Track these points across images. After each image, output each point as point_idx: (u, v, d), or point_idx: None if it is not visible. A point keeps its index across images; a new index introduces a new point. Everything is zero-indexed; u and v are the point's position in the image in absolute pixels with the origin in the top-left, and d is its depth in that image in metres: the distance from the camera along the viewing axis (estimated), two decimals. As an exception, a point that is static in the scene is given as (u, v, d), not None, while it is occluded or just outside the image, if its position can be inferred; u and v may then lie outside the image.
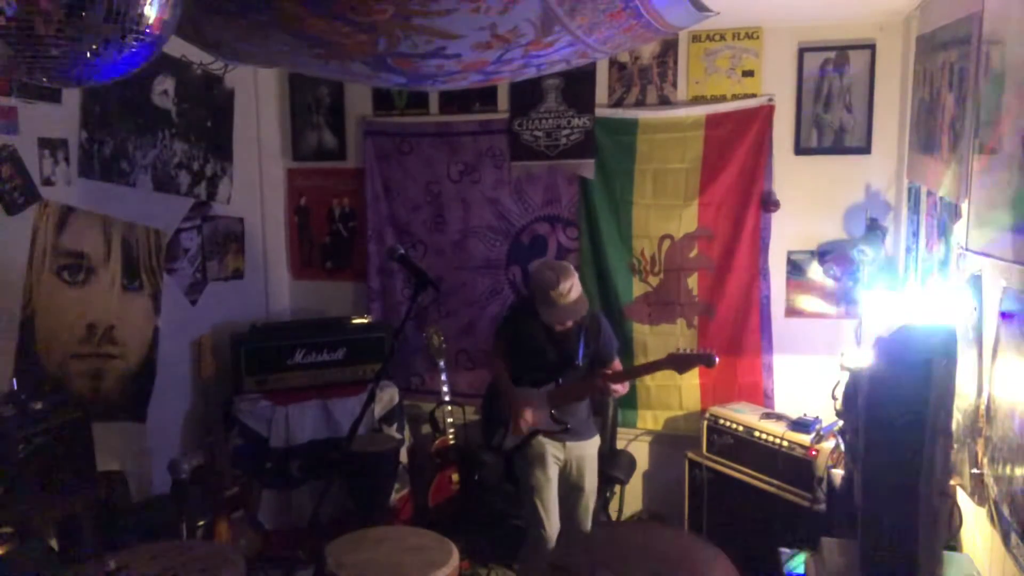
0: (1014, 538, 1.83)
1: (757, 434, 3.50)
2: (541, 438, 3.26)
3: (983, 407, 2.10)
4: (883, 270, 3.49)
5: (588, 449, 3.35)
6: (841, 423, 2.85)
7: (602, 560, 2.22)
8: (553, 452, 3.27)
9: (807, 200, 3.81)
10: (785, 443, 3.37)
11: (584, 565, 2.20)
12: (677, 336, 4.02)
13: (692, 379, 4.03)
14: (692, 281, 4.00)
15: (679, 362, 3.15)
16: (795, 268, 3.89)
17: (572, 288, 3.10)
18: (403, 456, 4.02)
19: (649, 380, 4.07)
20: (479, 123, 4.24)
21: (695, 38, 3.86)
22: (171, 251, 3.87)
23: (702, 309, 4.00)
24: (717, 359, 3.09)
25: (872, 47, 3.66)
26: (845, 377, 2.61)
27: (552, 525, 3.28)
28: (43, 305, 3.16)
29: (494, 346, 3.47)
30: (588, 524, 3.40)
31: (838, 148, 3.77)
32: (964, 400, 2.21)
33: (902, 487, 1.73)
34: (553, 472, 3.29)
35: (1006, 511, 1.88)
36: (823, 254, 3.78)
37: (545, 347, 3.26)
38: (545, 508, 3.27)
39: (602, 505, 3.85)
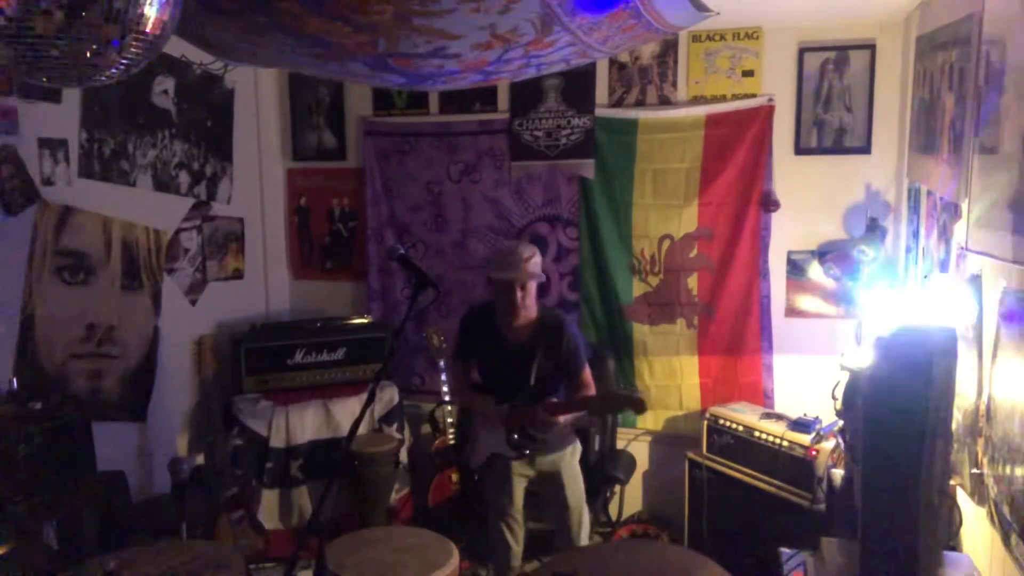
0: (1014, 538, 1.83)
1: (757, 434, 3.50)
2: (505, 459, 3.08)
3: (983, 407, 2.10)
4: (883, 270, 3.49)
5: (563, 460, 3.12)
6: (841, 423, 2.85)
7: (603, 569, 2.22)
8: (519, 471, 3.12)
9: (807, 200, 3.81)
10: (785, 443, 3.37)
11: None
12: (677, 336, 4.02)
13: (692, 379, 4.03)
14: (692, 281, 4.00)
15: (608, 401, 3.04)
16: (795, 268, 3.89)
17: (533, 257, 2.97)
18: (403, 456, 4.02)
19: (649, 380, 4.08)
20: (479, 123, 4.24)
21: (695, 38, 3.86)
22: (171, 251, 3.87)
23: (702, 309, 4.00)
24: (646, 406, 2.89)
25: (872, 47, 3.66)
26: (845, 377, 2.61)
27: (519, 547, 3.21)
28: (43, 305, 3.17)
29: (451, 365, 3.27)
30: (582, 539, 3.20)
31: (838, 148, 3.77)
32: (964, 400, 2.21)
33: (902, 487, 1.73)
34: (519, 493, 3.15)
35: (1006, 511, 1.88)
36: (823, 254, 3.78)
37: (498, 360, 3.08)
38: (511, 532, 3.17)
39: (602, 505, 3.85)
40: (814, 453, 3.25)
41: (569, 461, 3.16)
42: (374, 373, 3.98)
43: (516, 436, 3.00)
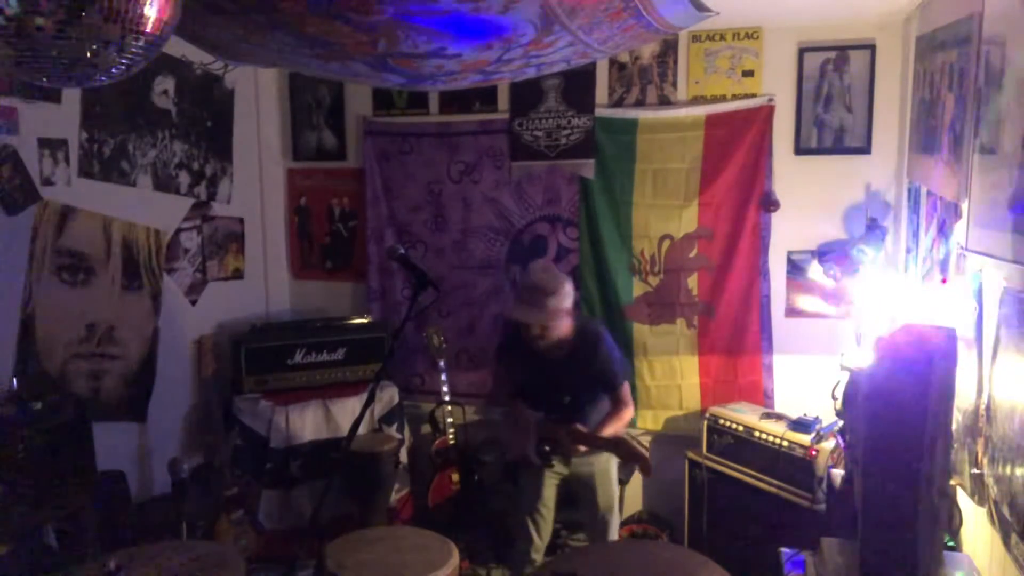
0: (1014, 538, 1.83)
1: (757, 434, 3.50)
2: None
3: (983, 407, 2.10)
4: (883, 270, 3.49)
5: (598, 464, 3.14)
6: (841, 423, 2.86)
7: (604, 569, 2.22)
8: (554, 468, 3.16)
9: (807, 200, 3.81)
10: (785, 443, 3.37)
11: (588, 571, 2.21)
12: (677, 336, 4.02)
13: (692, 379, 4.03)
14: (692, 281, 4.00)
15: (620, 449, 3.01)
16: (795, 268, 3.89)
17: (558, 292, 2.90)
18: (403, 456, 4.02)
19: (649, 380, 4.08)
20: (479, 123, 4.24)
21: (695, 38, 3.86)
22: (171, 251, 3.87)
23: (702, 309, 4.00)
24: (651, 471, 2.95)
25: (872, 47, 3.66)
26: (845, 377, 2.61)
27: (543, 541, 3.22)
28: (43, 305, 3.17)
29: (495, 369, 3.32)
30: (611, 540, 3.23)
31: (838, 148, 3.77)
32: (964, 400, 2.21)
33: (902, 487, 1.73)
34: (550, 489, 3.19)
35: (1006, 511, 1.88)
36: (823, 254, 3.78)
37: (533, 375, 3.09)
38: (536, 525, 3.19)
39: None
40: (814, 453, 3.25)
41: (604, 466, 3.17)
42: (374, 373, 3.98)
43: (546, 448, 3.04)
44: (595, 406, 3.10)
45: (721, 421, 3.66)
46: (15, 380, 2.95)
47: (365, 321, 4.31)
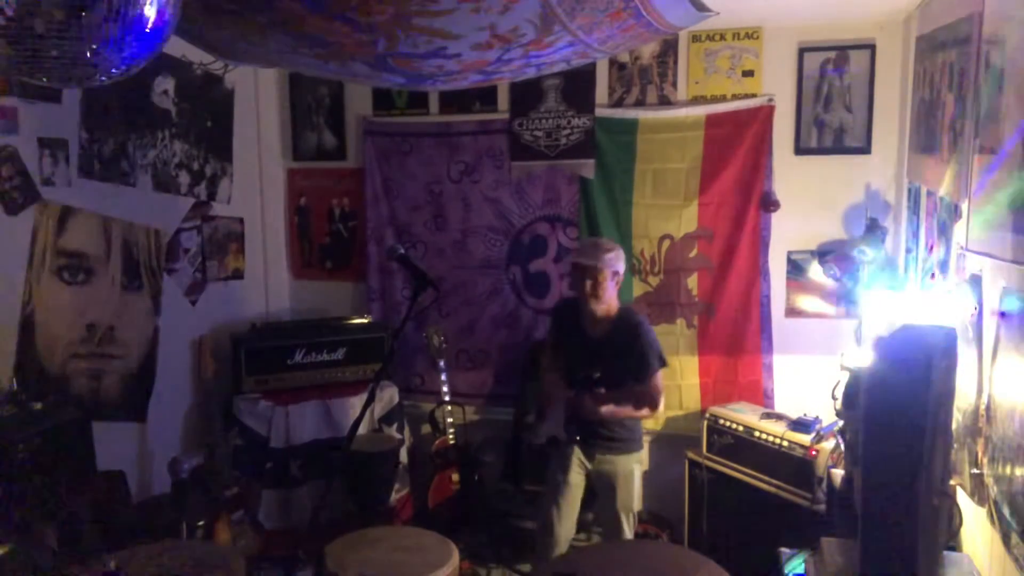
0: (1014, 538, 1.83)
1: (757, 434, 3.50)
2: (570, 444, 3.18)
3: (983, 407, 2.10)
4: (883, 270, 3.48)
5: (622, 465, 3.17)
6: (841, 423, 2.85)
7: (601, 570, 2.22)
8: (580, 459, 3.20)
9: (807, 200, 3.81)
10: (785, 443, 3.37)
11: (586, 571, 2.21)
12: (677, 336, 4.02)
13: (692, 379, 4.03)
14: (692, 281, 4.00)
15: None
16: (795, 268, 3.89)
17: (612, 251, 3.09)
18: (403, 456, 4.02)
19: (649, 380, 4.07)
20: (479, 123, 4.23)
21: (695, 38, 3.86)
22: (171, 251, 3.87)
23: (702, 309, 4.00)
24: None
25: (872, 47, 3.66)
26: (845, 377, 2.61)
27: (563, 533, 3.22)
28: (43, 305, 3.16)
29: (538, 357, 3.52)
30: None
31: (838, 148, 3.77)
32: (964, 400, 2.21)
33: (902, 487, 1.73)
34: (577, 478, 3.21)
35: (1006, 511, 1.88)
36: (823, 254, 3.78)
37: (576, 350, 3.18)
38: (560, 513, 3.20)
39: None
40: (814, 453, 3.25)
41: (627, 469, 3.18)
42: (374, 373, 3.98)
43: (574, 424, 3.11)
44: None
45: (721, 421, 3.66)
46: (15, 380, 2.95)
47: (365, 321, 4.31)
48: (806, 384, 3.78)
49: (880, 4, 3.42)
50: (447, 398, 4.11)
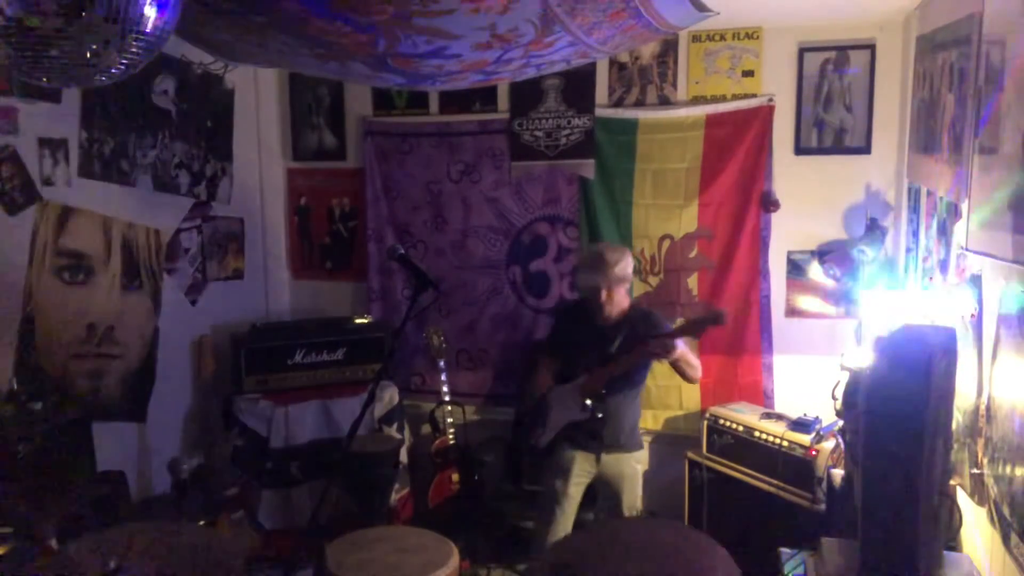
0: (1014, 538, 1.83)
1: (757, 434, 3.50)
2: (571, 450, 3.18)
3: (983, 407, 2.10)
4: (883, 270, 3.49)
5: (626, 465, 3.19)
6: (841, 423, 2.85)
7: (602, 556, 2.22)
8: (583, 465, 3.19)
9: (807, 200, 3.81)
10: (785, 443, 3.37)
11: (585, 561, 2.20)
12: (677, 336, 4.02)
13: (692, 379, 4.03)
14: (692, 281, 4.00)
15: (697, 325, 3.13)
16: (795, 268, 3.89)
17: (620, 262, 3.09)
18: (403, 456, 4.02)
19: (649, 380, 4.04)
20: (479, 123, 4.23)
21: (695, 38, 3.86)
22: (171, 251, 3.87)
23: (702, 309, 4.00)
24: (724, 317, 2.99)
25: (872, 47, 3.66)
26: (845, 377, 2.61)
27: (561, 535, 3.20)
28: (43, 305, 3.16)
29: (537, 358, 3.44)
30: None
31: (838, 148, 3.77)
32: (964, 400, 2.21)
33: (902, 487, 1.73)
34: (577, 488, 3.20)
35: (1006, 511, 1.88)
36: (823, 254, 3.79)
37: (587, 337, 3.19)
38: (563, 514, 3.19)
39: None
40: (814, 453, 3.25)
41: (632, 470, 3.21)
42: (374, 373, 3.98)
43: (590, 402, 3.10)
44: (631, 390, 3.18)
45: (721, 421, 3.66)
46: (15, 380, 2.95)
47: (365, 321, 4.30)
48: (806, 384, 3.77)
49: (880, 4, 3.41)
50: (447, 398, 4.11)
